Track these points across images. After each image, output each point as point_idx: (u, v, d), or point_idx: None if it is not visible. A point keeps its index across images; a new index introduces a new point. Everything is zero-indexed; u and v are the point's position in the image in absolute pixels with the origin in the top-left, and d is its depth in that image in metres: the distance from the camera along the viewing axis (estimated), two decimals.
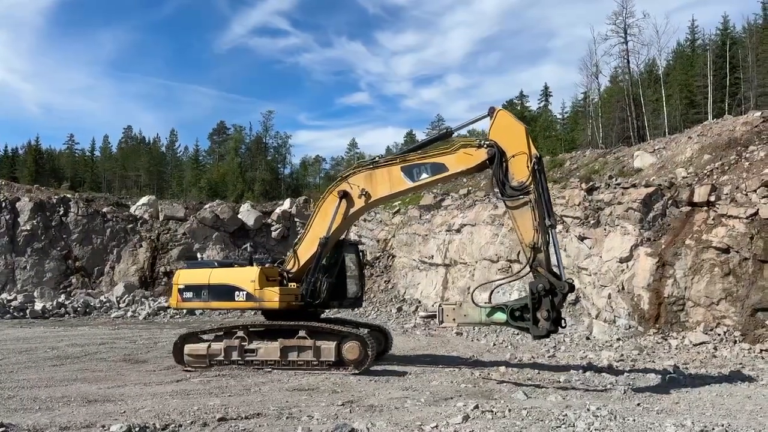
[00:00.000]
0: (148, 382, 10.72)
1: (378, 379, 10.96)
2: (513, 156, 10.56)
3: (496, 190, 10.81)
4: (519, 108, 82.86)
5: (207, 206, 34.02)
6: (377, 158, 12.26)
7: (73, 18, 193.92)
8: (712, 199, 17.92)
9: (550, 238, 10.27)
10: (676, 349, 15.33)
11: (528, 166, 10.38)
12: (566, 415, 7.73)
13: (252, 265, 12.78)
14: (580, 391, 10.06)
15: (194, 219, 32.30)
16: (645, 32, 52.12)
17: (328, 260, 12.36)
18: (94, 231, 31.44)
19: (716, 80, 49.49)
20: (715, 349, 14.96)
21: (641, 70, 55.19)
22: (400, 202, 32.70)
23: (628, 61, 49.79)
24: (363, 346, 11.43)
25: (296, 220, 33.80)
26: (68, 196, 33.57)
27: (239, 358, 11.98)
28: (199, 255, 31.05)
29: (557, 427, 7.20)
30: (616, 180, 21.81)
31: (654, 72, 55.89)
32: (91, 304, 27.35)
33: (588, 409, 8.06)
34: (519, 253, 22.00)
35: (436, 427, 7.24)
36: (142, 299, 28.44)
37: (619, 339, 16.89)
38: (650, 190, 19.53)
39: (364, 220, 32.03)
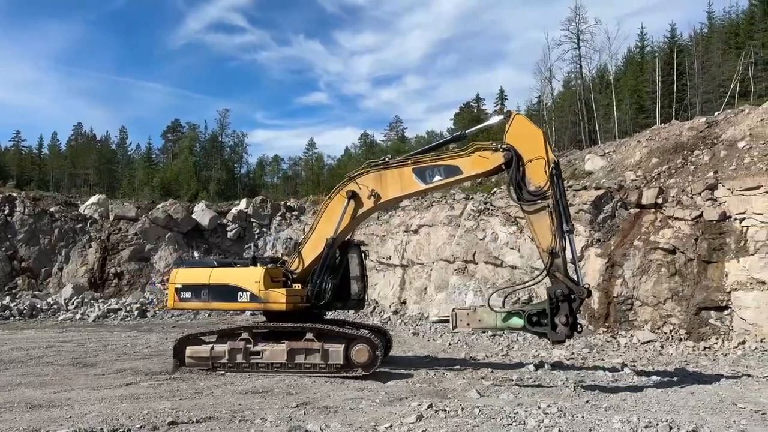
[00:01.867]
0: (97, 386, 10.43)
1: (333, 380, 10.93)
2: (530, 160, 10.52)
3: (513, 194, 10.69)
4: (476, 111, 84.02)
5: (160, 206, 33.35)
6: (386, 158, 12.03)
7: (18, 9, 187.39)
8: (660, 201, 18.52)
9: (567, 244, 10.23)
10: (625, 347, 15.77)
11: (546, 171, 10.35)
12: (517, 412, 7.87)
13: (255, 265, 12.34)
14: (532, 389, 10.25)
15: (146, 219, 31.62)
16: (597, 38, 53.77)
17: (332, 261, 12.13)
18: (41, 231, 30.45)
19: (664, 86, 51.15)
20: (662, 347, 15.45)
21: (593, 75, 56.71)
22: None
23: (581, 66, 51.07)
24: (372, 349, 11.20)
25: (253, 220, 33.46)
26: (14, 194, 32.38)
27: (244, 361, 11.58)
28: (154, 256, 30.44)
29: (508, 424, 7.33)
30: (567, 182, 22.29)
31: (605, 77, 57.41)
32: (38, 306, 26.45)
33: (539, 407, 8.23)
34: (475, 253, 22.34)
35: (391, 427, 7.28)
36: (92, 301, 27.67)
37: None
38: (600, 192, 20.06)
39: None
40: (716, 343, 15.45)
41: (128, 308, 26.66)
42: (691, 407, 8.53)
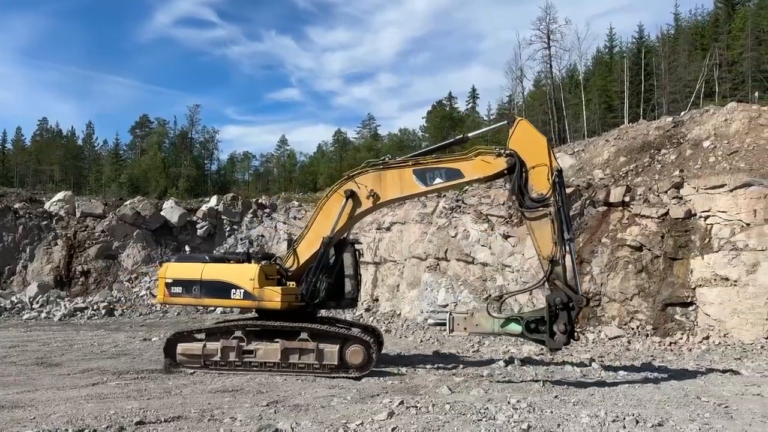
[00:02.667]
0: (62, 387, 10.20)
1: (305, 378, 10.89)
2: (533, 167, 10.52)
3: (514, 199, 10.69)
4: (448, 109, 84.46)
5: (127, 203, 32.75)
6: (386, 158, 11.92)
7: None
8: (627, 199, 18.84)
9: (567, 252, 10.24)
10: (593, 342, 16.02)
11: (549, 179, 10.36)
12: (488, 408, 7.95)
13: (249, 261, 12.15)
14: (502, 385, 10.35)
15: (113, 216, 31.02)
16: (567, 38, 54.37)
17: (327, 259, 12.00)
18: (4, 228, 29.65)
19: (632, 86, 52.11)
20: (629, 342, 15.74)
21: (563, 75, 57.47)
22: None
23: (551, 66, 51.76)
24: (367, 350, 11.13)
25: (223, 217, 33.06)
26: None
27: (237, 359, 11.38)
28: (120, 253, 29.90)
29: (478, 420, 7.39)
30: None
31: (575, 77, 58.27)
32: (1, 305, 25.78)
33: (508, 402, 8.31)
34: (446, 251, 22.46)
35: (362, 424, 7.27)
36: (58, 300, 27.05)
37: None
38: (569, 190, 20.28)
39: (294, 218, 31.77)
40: (681, 339, 15.80)
41: (95, 307, 26.14)
42: (656, 401, 8.71)
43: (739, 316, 15.50)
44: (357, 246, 13.11)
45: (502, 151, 10.80)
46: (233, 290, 11.45)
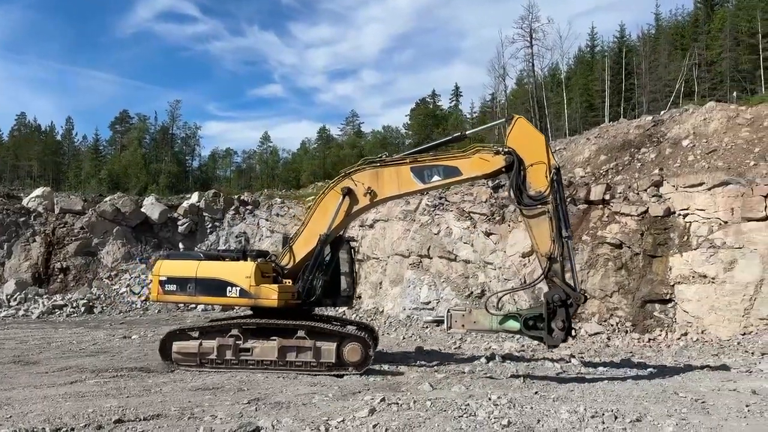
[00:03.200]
0: (39, 385, 10.07)
1: (286, 375, 10.85)
2: (531, 165, 10.56)
3: (512, 197, 10.75)
4: (431, 106, 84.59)
5: (107, 199, 32.36)
6: (383, 156, 11.86)
7: None
8: (607, 197, 19.03)
9: (566, 250, 10.31)
10: (573, 339, 16.14)
11: (547, 177, 10.41)
12: (468, 404, 7.98)
13: (246, 258, 12.00)
14: (483, 381, 10.41)
15: (93, 212, 30.64)
16: (549, 37, 54.48)
17: (323, 257, 11.91)
18: None
19: (613, 85, 52.53)
20: (609, 338, 15.91)
21: (545, 74, 57.71)
22: (313, 196, 32.53)
23: (533, 65, 51.87)
24: (364, 348, 11.08)
25: (205, 214, 32.82)
26: None
27: (233, 358, 11.26)
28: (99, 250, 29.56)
29: (459, 416, 7.42)
30: None
31: (557, 76, 58.58)
32: None
33: (489, 398, 8.35)
34: (429, 248, 22.52)
35: (343, 421, 7.26)
36: (36, 297, 26.69)
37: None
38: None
39: (277, 215, 31.64)
40: (660, 335, 16.00)
41: (74, 304, 25.84)
42: (635, 397, 8.80)
43: (716, 313, 15.73)
44: (352, 244, 13.06)
45: (501, 149, 10.85)
46: (229, 288, 11.33)
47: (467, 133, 12.65)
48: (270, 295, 11.18)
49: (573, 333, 10.58)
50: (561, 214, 10.34)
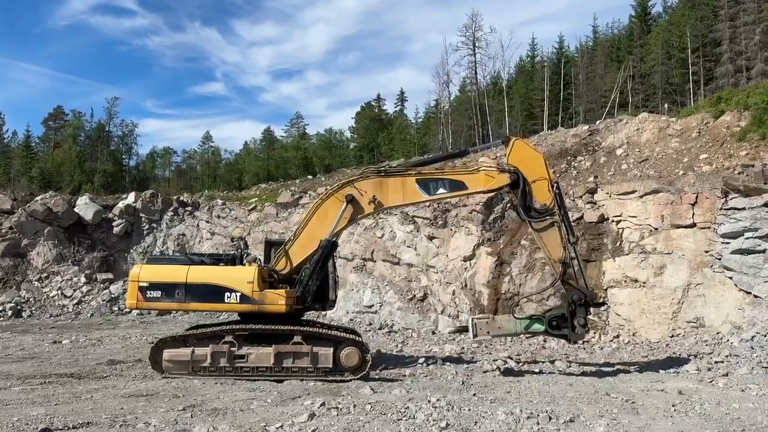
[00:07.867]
0: None
1: (225, 381, 10.63)
2: (534, 181, 11.39)
3: (521, 213, 11.56)
4: (377, 110, 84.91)
5: (38, 198, 30.97)
6: (386, 166, 12.24)
7: None
8: None
9: (573, 253, 11.44)
10: (511, 341, 16.46)
11: (550, 191, 11.36)
12: (408, 407, 8.02)
13: (242, 263, 11.66)
14: (423, 384, 10.49)
15: (23, 212, 29.27)
16: (492, 46, 55.77)
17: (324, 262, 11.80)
18: None
19: (552, 94, 54.11)
20: (545, 341, 16.28)
21: (487, 82, 58.93)
22: (256, 198, 32.07)
23: (476, 72, 52.96)
24: (362, 352, 10.92)
25: (142, 215, 31.83)
26: None
27: (227, 365, 10.84)
28: (29, 251, 28.25)
29: (399, 419, 7.46)
30: None
31: (498, 84, 59.85)
32: None
33: (429, 401, 8.41)
34: (373, 251, 22.58)
35: (281, 427, 7.19)
36: None
37: (461, 333, 17.79)
38: (492, 193, 20.85)
39: (218, 217, 31.03)
40: (594, 337, 16.53)
41: (1, 308, 24.62)
42: (569, 398, 9.05)
43: (647, 316, 16.37)
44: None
45: (506, 167, 11.70)
46: (227, 294, 10.99)
47: (470, 149, 13.87)
48: (277, 300, 11.03)
49: (587, 329, 11.74)
50: (565, 221, 11.45)
